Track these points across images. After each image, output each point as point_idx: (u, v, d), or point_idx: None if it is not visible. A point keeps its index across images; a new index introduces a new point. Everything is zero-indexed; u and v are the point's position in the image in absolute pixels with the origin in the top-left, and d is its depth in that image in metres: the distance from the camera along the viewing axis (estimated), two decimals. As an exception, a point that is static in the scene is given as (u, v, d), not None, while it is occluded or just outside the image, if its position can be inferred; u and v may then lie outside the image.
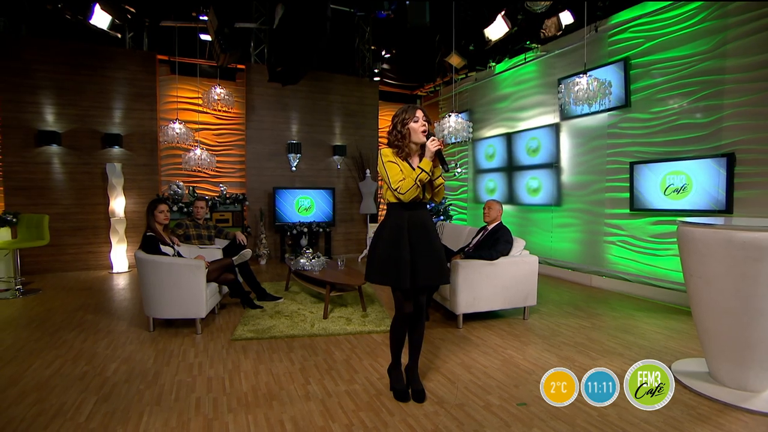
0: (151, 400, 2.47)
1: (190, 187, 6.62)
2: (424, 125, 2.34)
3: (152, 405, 2.42)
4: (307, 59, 5.08)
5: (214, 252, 4.27)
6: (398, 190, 2.28)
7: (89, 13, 4.52)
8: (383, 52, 8.38)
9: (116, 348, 3.28)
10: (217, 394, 2.55)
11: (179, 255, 3.87)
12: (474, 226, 7.82)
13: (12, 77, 5.74)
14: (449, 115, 5.43)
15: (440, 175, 2.41)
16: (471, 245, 4.20)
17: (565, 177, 5.80)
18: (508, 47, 6.50)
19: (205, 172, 6.92)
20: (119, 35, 4.94)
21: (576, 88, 4.18)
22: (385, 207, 2.47)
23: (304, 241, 7.20)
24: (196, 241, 4.51)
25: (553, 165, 5.92)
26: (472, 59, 7.20)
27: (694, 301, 2.73)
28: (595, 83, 4.17)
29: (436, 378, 2.77)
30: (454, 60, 7.22)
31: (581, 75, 4.19)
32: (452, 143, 8.39)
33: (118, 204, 6.02)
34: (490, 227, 4.12)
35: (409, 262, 2.31)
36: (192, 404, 2.43)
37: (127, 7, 4.47)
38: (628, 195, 4.88)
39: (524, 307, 4.01)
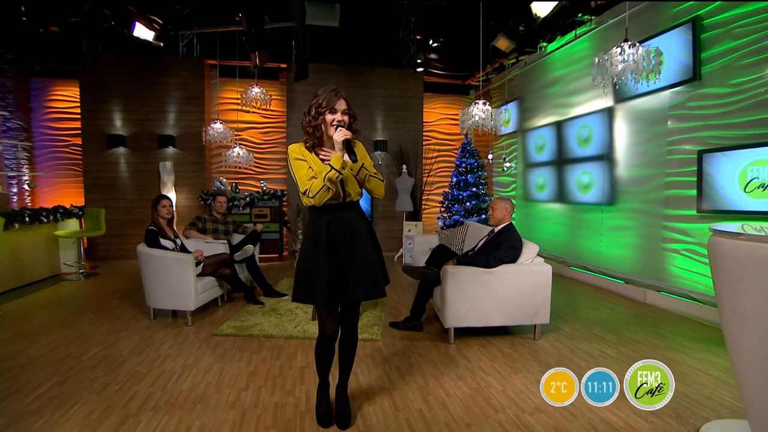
0: (97, 389, 2.55)
1: (233, 183, 7.00)
2: (341, 120, 1.98)
3: (93, 394, 2.50)
4: (301, 51, 5.02)
5: (219, 247, 4.38)
6: (308, 193, 1.96)
7: (131, 27, 4.97)
8: (430, 41, 7.92)
9: (110, 333, 3.51)
10: (156, 390, 2.54)
11: (183, 248, 4.04)
12: (525, 227, 7.03)
13: (91, 90, 6.64)
14: (475, 103, 4.87)
15: (362, 167, 2.01)
16: (475, 249, 3.70)
17: (620, 170, 4.82)
18: (559, 23, 5.64)
19: (251, 169, 7.25)
20: (161, 44, 5.38)
21: (612, 60, 3.38)
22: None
23: (340, 238, 7.15)
24: (212, 235, 4.68)
25: (605, 156, 4.96)
26: (521, 41, 6.43)
27: (729, 343, 1.98)
28: (639, 51, 3.32)
29: (381, 401, 2.43)
30: (502, 43, 6.54)
31: (619, 44, 3.38)
32: (504, 135, 7.65)
33: (168, 199, 6.62)
34: (496, 229, 3.57)
35: (328, 275, 1.98)
36: (126, 398, 2.45)
37: (153, 17, 4.84)
38: (695, 192, 3.85)
39: (535, 326, 3.39)
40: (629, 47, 3.35)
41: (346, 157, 1.95)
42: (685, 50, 3.91)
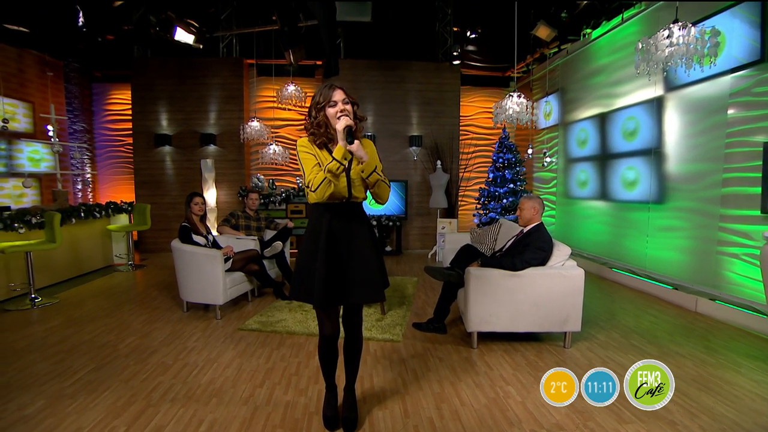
0: (125, 377, 2.71)
1: (270, 180, 7.19)
2: (344, 109, 1.93)
3: (122, 382, 2.65)
4: (329, 48, 5.05)
5: (249, 243, 4.51)
6: (311, 186, 1.91)
7: (173, 32, 5.22)
8: (467, 33, 7.65)
9: (146, 323, 3.72)
10: (177, 382, 2.65)
11: (215, 244, 4.19)
12: (565, 225, 6.64)
13: (141, 92, 7.08)
14: (510, 96, 4.62)
15: (374, 171, 1.95)
16: (503, 250, 3.52)
17: (670, 166, 4.38)
18: (605, 6, 5.22)
19: (288, 166, 7.40)
20: (201, 46, 5.62)
21: (658, 44, 3.05)
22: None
23: (374, 235, 7.14)
24: (244, 231, 4.82)
25: (653, 151, 4.53)
26: (563, 28, 6.04)
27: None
28: (691, 33, 2.97)
29: (392, 406, 2.38)
30: (542, 32, 6.20)
31: (667, 26, 3.04)
32: (544, 129, 7.25)
33: (210, 195, 6.93)
34: (525, 230, 3.38)
35: (325, 276, 1.95)
36: (149, 388, 2.57)
37: (190, 21, 5.05)
38: (759, 190, 3.41)
39: (565, 333, 3.18)
40: (679, 29, 3.01)
41: (354, 147, 1.87)
42: (748, 29, 3.46)
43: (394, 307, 4.12)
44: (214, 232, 4.75)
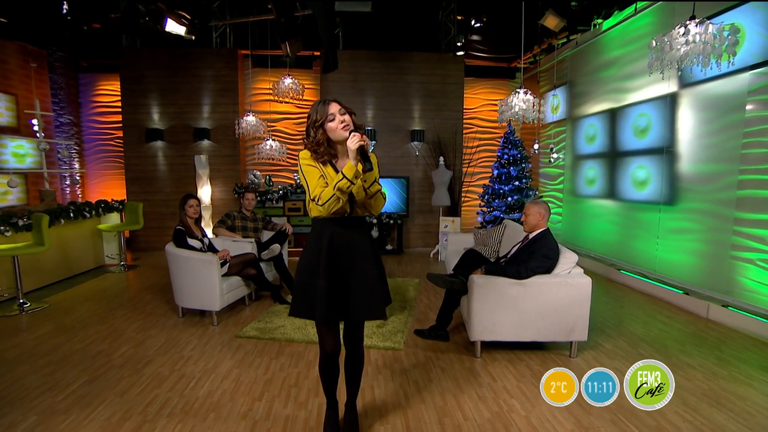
0: (120, 390, 2.61)
1: (267, 176, 7.02)
2: (343, 119, 1.84)
3: (117, 395, 2.55)
4: (327, 43, 4.87)
5: (246, 246, 4.37)
6: (317, 200, 1.83)
7: (163, 22, 4.99)
8: (472, 22, 7.40)
9: (141, 331, 3.60)
10: (174, 395, 2.56)
11: (211, 248, 4.06)
12: (572, 224, 6.51)
13: (131, 84, 6.84)
14: (516, 92, 4.46)
15: (375, 181, 1.91)
16: (508, 256, 3.41)
17: (682, 166, 4.24)
18: (616, -5, 5.01)
19: (285, 161, 7.23)
20: (193, 38, 5.39)
21: (673, 42, 2.89)
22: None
23: (374, 233, 7.02)
24: (241, 232, 4.67)
25: (665, 149, 4.39)
26: (573, 18, 5.82)
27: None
28: (709, 30, 2.81)
29: (394, 421, 2.30)
30: (550, 22, 5.98)
31: (683, 23, 2.87)
32: (551, 123, 7.08)
33: (204, 192, 6.78)
34: (531, 236, 3.25)
35: (327, 291, 1.87)
36: (146, 401, 2.48)
37: (181, 12, 4.83)
38: (776, 194, 3.29)
39: (571, 342, 3.08)
40: (696, 26, 2.84)
41: (360, 166, 1.80)
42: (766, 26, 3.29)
43: (395, 312, 4.02)
44: (210, 234, 4.63)
